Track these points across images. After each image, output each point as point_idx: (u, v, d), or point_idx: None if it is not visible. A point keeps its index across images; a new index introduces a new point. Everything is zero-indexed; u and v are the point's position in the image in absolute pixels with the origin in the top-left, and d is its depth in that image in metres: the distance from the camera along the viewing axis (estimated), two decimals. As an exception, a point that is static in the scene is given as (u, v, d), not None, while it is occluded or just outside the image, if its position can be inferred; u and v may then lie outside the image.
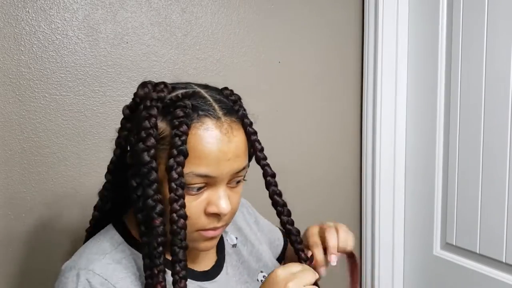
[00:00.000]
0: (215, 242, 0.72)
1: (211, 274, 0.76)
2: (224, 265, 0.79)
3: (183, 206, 0.63)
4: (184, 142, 0.63)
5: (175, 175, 0.62)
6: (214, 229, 0.68)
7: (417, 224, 1.42)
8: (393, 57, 1.39)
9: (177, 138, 0.63)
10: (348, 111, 1.45)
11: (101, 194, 0.78)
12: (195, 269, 0.75)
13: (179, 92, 0.67)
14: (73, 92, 1.08)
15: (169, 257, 0.66)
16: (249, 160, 0.74)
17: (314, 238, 0.78)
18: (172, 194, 0.63)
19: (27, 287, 1.08)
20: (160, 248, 0.64)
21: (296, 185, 1.39)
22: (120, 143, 0.73)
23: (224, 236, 0.84)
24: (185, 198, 0.64)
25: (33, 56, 1.04)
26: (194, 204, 0.66)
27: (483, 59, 1.18)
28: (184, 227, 0.64)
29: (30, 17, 1.03)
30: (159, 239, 0.64)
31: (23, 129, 1.05)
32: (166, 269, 0.65)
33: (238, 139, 0.67)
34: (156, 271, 0.63)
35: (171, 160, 0.62)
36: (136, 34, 1.13)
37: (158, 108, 0.66)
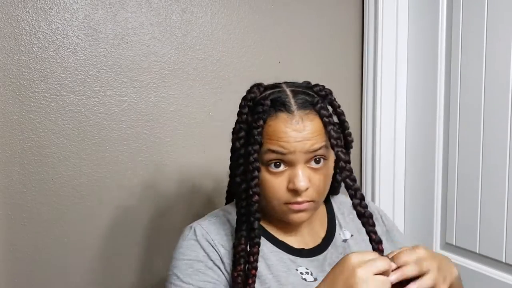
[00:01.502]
0: (305, 216, 0.80)
1: (306, 253, 0.85)
2: (326, 251, 0.87)
3: (257, 185, 0.77)
4: (260, 133, 0.77)
5: (251, 159, 0.77)
6: (298, 203, 0.78)
7: (417, 224, 1.42)
8: (393, 57, 1.39)
9: (254, 130, 0.77)
10: (348, 111, 1.44)
11: (229, 180, 0.93)
12: (292, 245, 0.85)
13: (267, 92, 0.82)
14: (73, 92, 1.08)
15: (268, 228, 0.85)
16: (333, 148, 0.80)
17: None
18: (249, 174, 0.77)
19: (27, 287, 1.09)
20: (243, 218, 0.79)
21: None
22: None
23: (338, 229, 0.91)
24: (267, 176, 0.78)
25: (33, 56, 1.04)
26: (277, 181, 0.78)
27: (483, 59, 1.18)
28: (257, 201, 0.77)
29: (30, 17, 1.03)
30: (242, 210, 0.80)
31: (23, 129, 1.05)
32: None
33: (310, 127, 0.77)
34: (239, 235, 0.79)
35: (249, 148, 0.77)
36: (136, 34, 1.13)
37: (249, 107, 0.81)
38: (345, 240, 0.90)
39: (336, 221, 0.92)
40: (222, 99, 1.23)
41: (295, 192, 0.77)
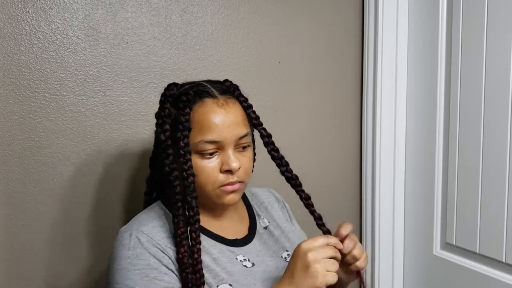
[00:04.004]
0: (237, 197, 0.88)
1: (239, 242, 0.92)
2: (253, 239, 0.94)
3: (190, 167, 0.82)
4: (187, 120, 0.82)
5: (182, 144, 0.82)
6: (231, 183, 0.85)
7: (417, 224, 1.42)
8: (393, 57, 1.39)
9: (181, 117, 0.82)
10: (348, 111, 1.45)
11: (147, 181, 0.99)
12: (226, 237, 0.90)
13: (186, 86, 0.88)
14: (73, 92, 1.08)
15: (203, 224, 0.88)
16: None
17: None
18: (182, 159, 0.82)
19: (27, 287, 1.08)
20: (179, 203, 0.82)
21: (296, 185, 1.39)
22: (154, 139, 0.93)
23: (257, 219, 0.99)
24: (200, 162, 0.83)
25: (33, 56, 1.04)
26: (211, 166, 0.84)
27: (483, 59, 1.18)
28: (193, 182, 0.82)
29: (30, 17, 1.03)
30: (177, 197, 0.83)
31: (23, 129, 1.05)
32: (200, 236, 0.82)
33: (234, 110, 0.86)
34: (176, 220, 0.82)
35: (178, 133, 0.82)
36: (136, 34, 1.13)
37: (169, 102, 0.86)
38: (266, 227, 0.99)
39: (254, 211, 1.00)
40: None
41: (229, 173, 0.84)
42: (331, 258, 0.80)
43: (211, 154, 0.84)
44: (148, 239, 0.82)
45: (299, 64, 1.35)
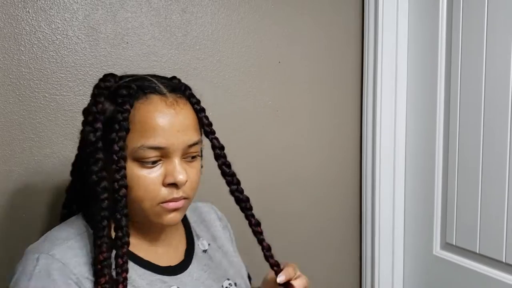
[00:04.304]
0: (179, 216, 0.74)
1: (173, 270, 0.78)
2: (190, 266, 0.81)
3: (124, 176, 0.67)
4: (126, 119, 0.67)
5: (116, 148, 0.67)
6: (175, 200, 0.71)
7: (417, 224, 1.42)
8: (393, 57, 1.39)
9: (119, 114, 0.67)
10: (348, 111, 1.45)
11: (67, 190, 0.84)
12: (159, 264, 0.76)
13: (126, 79, 0.73)
14: (73, 92, 1.08)
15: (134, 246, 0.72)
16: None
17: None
18: (114, 166, 0.67)
19: (27, 287, 1.08)
20: (105, 222, 0.67)
21: (295, 185, 1.39)
22: (80, 141, 0.77)
23: (196, 240, 0.86)
24: (138, 171, 0.69)
25: (33, 56, 1.04)
26: (151, 177, 0.69)
27: (483, 59, 1.18)
28: (125, 195, 0.67)
29: (30, 17, 1.03)
30: (103, 213, 0.67)
31: (23, 129, 1.05)
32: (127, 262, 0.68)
33: (185, 111, 0.72)
34: (99, 242, 0.66)
35: (113, 134, 0.67)
36: (136, 34, 1.13)
37: (104, 95, 0.71)
38: (205, 251, 0.86)
39: (193, 232, 0.87)
40: (222, 99, 1.23)
41: (173, 187, 0.70)
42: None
43: (154, 162, 0.69)
44: (59, 267, 0.65)
45: (299, 64, 1.35)
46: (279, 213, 1.36)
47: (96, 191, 0.68)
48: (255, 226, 0.79)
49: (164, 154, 0.70)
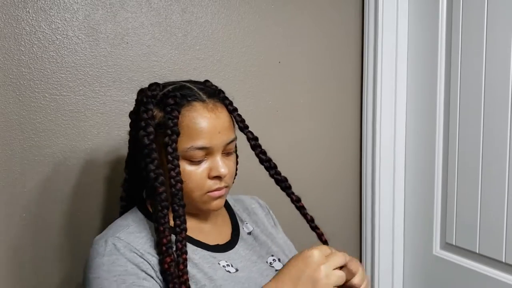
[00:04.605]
0: (222, 202, 0.87)
1: (222, 248, 0.89)
2: (237, 245, 0.91)
3: (179, 173, 0.79)
4: (176, 124, 0.79)
5: (170, 150, 0.78)
6: (219, 189, 0.84)
7: (417, 224, 1.42)
8: (393, 57, 1.39)
9: (170, 121, 0.79)
10: (348, 111, 1.45)
11: (123, 185, 0.95)
12: (208, 243, 0.88)
13: (169, 87, 0.84)
14: (73, 92, 1.08)
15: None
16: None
17: None
18: (170, 165, 0.78)
19: (27, 287, 1.08)
20: (165, 211, 0.79)
21: (295, 185, 1.38)
22: (130, 141, 0.90)
23: (240, 224, 0.97)
24: (188, 168, 0.81)
25: (33, 56, 1.04)
26: (199, 172, 0.82)
27: (482, 59, 1.18)
28: (181, 189, 0.79)
29: (30, 17, 1.03)
30: (163, 204, 0.79)
31: (23, 129, 1.05)
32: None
33: (223, 115, 0.84)
34: (162, 228, 0.78)
35: (167, 138, 0.79)
36: (136, 35, 1.13)
37: (153, 103, 0.83)
38: (249, 233, 0.97)
39: (237, 217, 0.98)
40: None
41: (217, 179, 0.83)
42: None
43: (200, 159, 0.82)
44: (125, 245, 0.79)
45: (299, 64, 1.35)
46: (279, 213, 1.36)
47: (155, 186, 0.80)
48: (297, 202, 0.92)
49: (208, 152, 0.82)
